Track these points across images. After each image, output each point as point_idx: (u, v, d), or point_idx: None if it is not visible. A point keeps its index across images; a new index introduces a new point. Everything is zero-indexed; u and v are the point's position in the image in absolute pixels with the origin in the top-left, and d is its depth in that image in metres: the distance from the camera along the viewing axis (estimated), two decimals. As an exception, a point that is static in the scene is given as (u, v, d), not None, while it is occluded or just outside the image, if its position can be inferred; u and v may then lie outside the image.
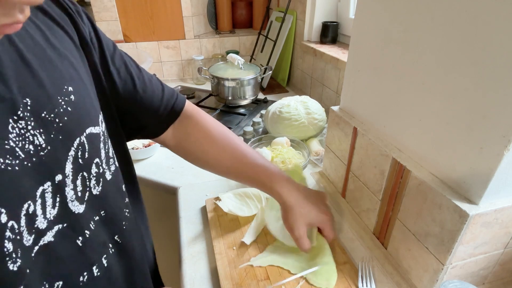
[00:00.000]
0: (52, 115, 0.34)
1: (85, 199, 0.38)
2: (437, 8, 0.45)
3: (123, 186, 0.47)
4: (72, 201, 0.36)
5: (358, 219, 0.70)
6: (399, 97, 0.56)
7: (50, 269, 0.33)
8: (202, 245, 0.66)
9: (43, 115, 0.33)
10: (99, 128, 0.41)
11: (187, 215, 0.74)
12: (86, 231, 0.38)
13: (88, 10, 1.50)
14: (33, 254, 0.31)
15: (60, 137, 0.34)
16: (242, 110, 1.28)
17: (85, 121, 0.38)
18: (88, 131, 0.38)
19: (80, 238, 0.37)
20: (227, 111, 1.27)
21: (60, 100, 0.35)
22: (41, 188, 0.32)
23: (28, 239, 0.31)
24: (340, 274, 0.57)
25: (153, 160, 0.96)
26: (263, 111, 1.25)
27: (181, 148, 0.60)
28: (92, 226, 0.39)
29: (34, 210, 0.31)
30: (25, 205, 0.31)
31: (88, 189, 0.38)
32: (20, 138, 0.31)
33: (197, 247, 0.65)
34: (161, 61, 1.61)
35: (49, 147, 0.33)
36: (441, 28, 0.45)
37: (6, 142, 0.29)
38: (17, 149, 0.30)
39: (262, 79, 1.32)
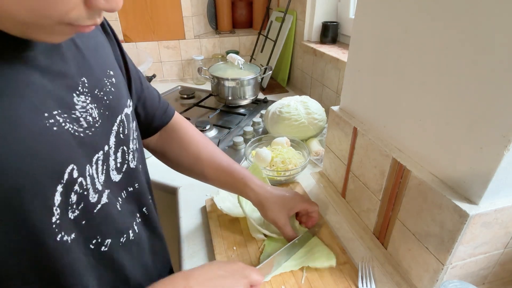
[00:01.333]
0: (101, 93, 0.39)
1: (123, 170, 0.43)
2: (437, 8, 0.45)
3: None
4: (112, 170, 0.40)
5: (358, 219, 0.70)
6: (399, 97, 0.56)
7: (105, 226, 0.38)
8: (202, 245, 0.66)
9: (95, 92, 0.38)
10: (131, 110, 0.46)
11: (187, 215, 0.74)
12: (119, 199, 0.42)
13: (88, 10, 1.50)
14: (95, 211, 0.36)
15: (107, 112, 0.39)
16: (242, 110, 1.28)
17: (123, 101, 0.43)
18: (125, 110, 0.43)
19: (118, 204, 0.41)
20: (227, 111, 1.27)
21: (106, 81, 0.40)
22: (96, 156, 0.37)
23: (93, 197, 0.36)
24: (340, 274, 0.57)
25: (153, 160, 0.95)
26: (263, 111, 1.25)
27: (162, 152, 0.64)
28: (124, 195, 0.43)
29: (93, 174, 0.36)
30: (87, 167, 0.35)
31: (126, 162, 0.43)
32: (84, 110, 0.36)
33: (197, 247, 0.65)
34: (161, 61, 1.61)
35: (100, 121, 0.38)
36: (441, 28, 0.45)
37: (73, 112, 0.34)
38: (81, 119, 0.35)
39: (262, 79, 1.32)
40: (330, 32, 1.24)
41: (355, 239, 0.66)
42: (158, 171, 0.90)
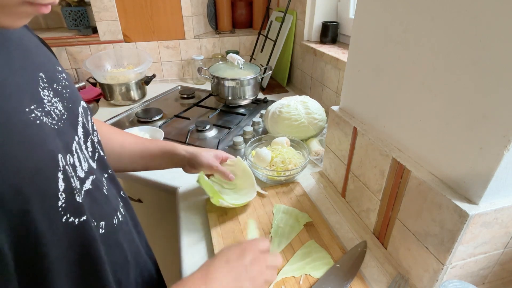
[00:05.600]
0: (60, 87, 0.39)
1: (95, 158, 0.44)
2: (437, 8, 0.45)
3: None
4: (89, 158, 0.41)
5: (358, 219, 0.70)
6: (399, 97, 0.56)
7: (94, 210, 0.39)
8: (202, 245, 0.66)
9: (55, 86, 0.38)
10: (85, 103, 0.46)
11: (187, 215, 0.74)
12: (104, 183, 0.44)
13: (88, 10, 1.50)
14: (82, 196, 0.37)
15: (70, 105, 0.40)
16: (242, 110, 1.28)
17: (78, 95, 0.44)
18: (82, 103, 0.44)
19: (104, 188, 0.43)
20: (227, 111, 1.27)
21: (59, 76, 0.41)
22: (73, 145, 0.38)
23: (77, 183, 0.36)
24: (340, 274, 0.57)
25: (153, 160, 0.96)
26: (263, 111, 1.25)
27: None
28: (104, 180, 0.44)
29: (74, 162, 0.37)
30: (68, 156, 0.36)
31: (97, 150, 0.44)
32: (50, 104, 0.36)
33: (197, 247, 0.65)
34: (161, 61, 1.61)
35: (66, 113, 0.38)
36: (441, 28, 0.45)
37: (44, 106, 0.34)
38: (52, 112, 0.35)
39: (262, 79, 1.32)
40: (330, 32, 1.24)
41: (355, 239, 0.66)
42: (158, 171, 0.90)
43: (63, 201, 0.33)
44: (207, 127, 1.10)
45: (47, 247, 0.32)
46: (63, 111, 0.38)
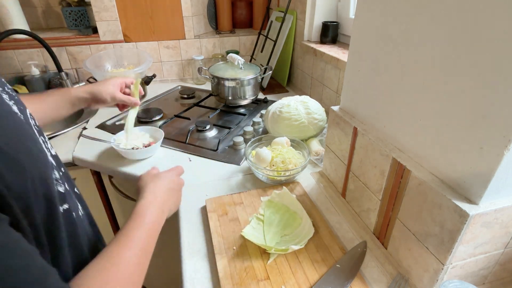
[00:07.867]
0: (10, 90, 0.41)
1: (52, 155, 0.46)
2: (437, 8, 0.45)
3: None
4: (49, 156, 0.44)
5: (358, 219, 0.70)
6: (399, 97, 0.56)
7: (71, 202, 0.44)
8: (202, 245, 0.66)
9: (6, 88, 0.40)
10: None
11: (187, 215, 0.74)
12: (64, 179, 0.46)
13: (88, 10, 1.50)
14: (63, 186, 0.43)
15: (21, 107, 0.41)
16: (242, 110, 1.28)
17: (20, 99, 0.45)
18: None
19: (65, 184, 0.46)
20: (227, 111, 1.27)
21: (2, 79, 0.42)
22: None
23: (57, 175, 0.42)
24: (340, 274, 0.57)
25: (153, 160, 0.96)
26: (263, 111, 1.25)
27: None
28: (60, 177, 0.46)
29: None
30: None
31: (48, 149, 0.46)
32: (9, 106, 0.37)
33: (197, 247, 0.65)
34: (161, 61, 1.61)
35: (22, 116, 0.40)
36: (441, 28, 0.45)
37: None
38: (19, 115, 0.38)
39: (262, 79, 1.32)
40: (330, 32, 1.24)
41: (355, 239, 0.66)
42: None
43: (57, 190, 0.39)
44: (207, 127, 1.10)
45: (59, 227, 0.38)
46: (19, 114, 0.39)
